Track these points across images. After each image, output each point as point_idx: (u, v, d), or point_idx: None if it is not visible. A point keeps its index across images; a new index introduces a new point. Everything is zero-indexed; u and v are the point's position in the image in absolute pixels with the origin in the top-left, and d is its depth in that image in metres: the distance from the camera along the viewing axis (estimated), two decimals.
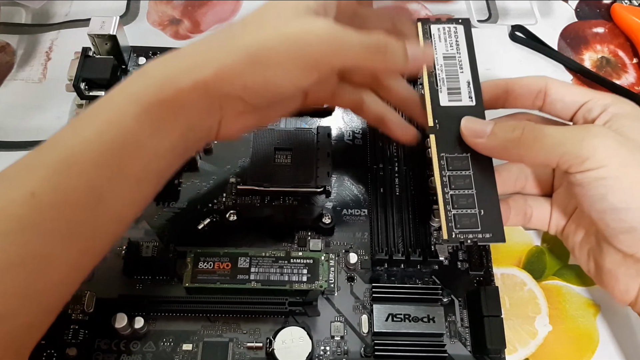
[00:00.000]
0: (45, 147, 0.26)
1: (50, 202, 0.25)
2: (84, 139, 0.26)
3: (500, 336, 0.34)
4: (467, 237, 0.31)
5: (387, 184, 0.39)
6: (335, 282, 0.37)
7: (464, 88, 0.34)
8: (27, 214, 0.24)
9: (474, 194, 0.32)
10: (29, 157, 0.26)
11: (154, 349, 0.34)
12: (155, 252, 0.37)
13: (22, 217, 0.24)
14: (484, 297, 0.35)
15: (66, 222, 0.25)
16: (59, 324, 0.34)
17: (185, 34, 0.51)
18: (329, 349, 0.35)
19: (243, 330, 0.35)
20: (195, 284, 0.35)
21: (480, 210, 0.32)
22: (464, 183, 0.32)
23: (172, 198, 0.39)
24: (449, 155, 0.33)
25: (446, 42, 0.36)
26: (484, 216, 0.32)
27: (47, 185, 0.25)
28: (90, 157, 0.26)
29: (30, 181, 0.25)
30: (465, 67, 0.35)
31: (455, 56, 0.36)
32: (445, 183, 0.32)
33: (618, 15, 0.52)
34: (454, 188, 0.32)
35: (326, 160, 0.40)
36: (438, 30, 0.37)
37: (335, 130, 0.43)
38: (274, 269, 0.36)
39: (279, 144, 0.41)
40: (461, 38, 0.36)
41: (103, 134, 0.26)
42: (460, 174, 0.32)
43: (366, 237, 0.38)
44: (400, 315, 0.35)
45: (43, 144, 0.26)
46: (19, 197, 0.25)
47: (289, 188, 0.40)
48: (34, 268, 0.25)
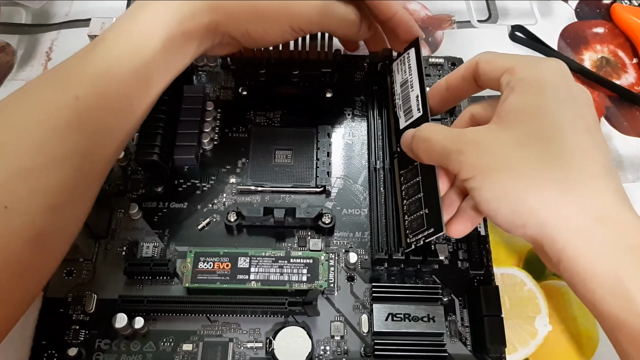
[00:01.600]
0: (86, 56, 0.30)
1: (91, 106, 0.29)
2: (122, 54, 0.30)
3: (500, 335, 0.34)
4: (419, 238, 0.34)
5: (387, 184, 0.39)
6: (335, 282, 0.37)
7: (413, 104, 0.37)
8: (72, 115, 0.28)
9: (421, 196, 0.35)
10: (71, 65, 0.30)
11: (154, 349, 0.34)
12: (155, 252, 0.37)
13: (68, 118, 0.28)
14: (484, 297, 0.35)
15: (104, 124, 0.30)
16: (59, 324, 0.35)
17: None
18: (329, 348, 0.35)
19: (243, 330, 0.35)
20: (195, 284, 0.35)
21: (425, 210, 0.34)
22: (413, 190, 0.35)
23: (172, 198, 0.39)
24: (404, 171, 0.37)
25: (402, 71, 0.39)
26: (428, 214, 0.34)
27: (89, 91, 0.29)
28: (127, 70, 0.30)
29: (75, 87, 0.29)
30: (415, 84, 0.38)
31: (408, 80, 0.38)
32: (404, 196, 0.36)
33: (618, 15, 0.52)
34: (408, 197, 0.36)
35: (326, 160, 0.40)
36: (396, 65, 0.41)
37: (335, 130, 0.43)
38: (274, 269, 0.36)
39: (279, 143, 0.41)
40: (412, 60, 0.39)
41: (137, 53, 0.31)
42: (412, 183, 0.36)
43: (366, 237, 0.38)
44: (400, 315, 0.35)
45: (81, 53, 0.31)
46: (65, 100, 0.28)
47: (289, 188, 0.40)
48: (78, 163, 0.28)
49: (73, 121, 0.28)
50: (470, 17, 0.52)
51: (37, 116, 0.27)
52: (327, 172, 0.40)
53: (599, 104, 0.48)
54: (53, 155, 0.27)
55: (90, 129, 0.29)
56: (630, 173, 0.45)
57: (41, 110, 0.28)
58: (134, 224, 0.38)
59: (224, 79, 0.44)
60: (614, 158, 0.45)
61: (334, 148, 0.42)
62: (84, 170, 0.29)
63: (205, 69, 0.45)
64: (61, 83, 0.29)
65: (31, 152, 0.27)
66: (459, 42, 0.50)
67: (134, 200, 0.39)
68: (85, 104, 0.28)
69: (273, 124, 0.43)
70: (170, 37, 0.32)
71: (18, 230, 0.26)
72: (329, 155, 0.41)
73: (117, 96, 0.30)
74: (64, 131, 0.28)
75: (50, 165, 0.27)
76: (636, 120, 0.47)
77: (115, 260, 0.37)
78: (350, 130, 0.43)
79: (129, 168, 0.40)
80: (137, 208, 0.38)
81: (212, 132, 0.42)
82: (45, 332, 0.34)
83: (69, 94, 0.28)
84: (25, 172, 0.26)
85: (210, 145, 0.41)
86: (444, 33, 0.51)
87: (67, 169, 0.28)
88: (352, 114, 0.44)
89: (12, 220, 0.26)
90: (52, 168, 0.27)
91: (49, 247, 0.29)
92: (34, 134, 0.27)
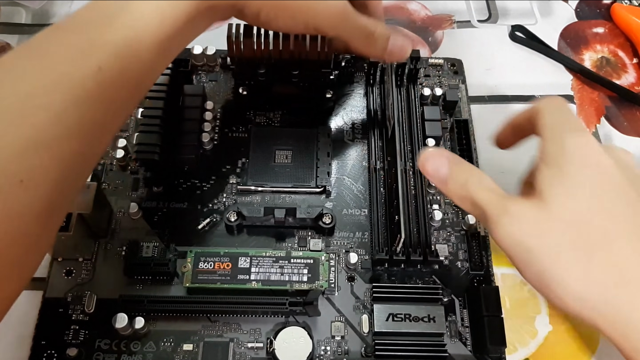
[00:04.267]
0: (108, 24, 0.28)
1: (113, 78, 0.28)
2: (147, 25, 0.29)
3: (501, 336, 0.34)
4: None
5: (387, 184, 0.39)
6: (335, 282, 0.37)
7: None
8: (93, 87, 0.27)
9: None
10: (93, 33, 0.28)
11: (154, 349, 0.34)
12: (155, 252, 0.37)
13: (90, 89, 0.27)
14: (484, 297, 0.35)
15: (121, 96, 0.29)
16: (59, 324, 0.34)
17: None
18: (329, 348, 0.35)
19: (244, 330, 0.35)
20: (195, 284, 0.35)
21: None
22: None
23: (172, 198, 0.39)
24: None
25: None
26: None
27: (112, 62, 0.27)
28: (152, 41, 0.29)
29: (97, 57, 0.27)
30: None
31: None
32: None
33: (618, 15, 0.52)
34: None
35: (326, 160, 0.40)
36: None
37: (335, 130, 0.43)
38: (275, 269, 0.36)
39: (279, 143, 0.41)
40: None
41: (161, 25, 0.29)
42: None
43: (366, 237, 0.38)
44: (401, 315, 0.35)
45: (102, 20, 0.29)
46: (88, 70, 0.27)
47: (289, 188, 0.40)
48: (91, 135, 0.28)
49: (94, 93, 0.27)
50: (470, 17, 0.52)
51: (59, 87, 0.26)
52: (327, 172, 0.40)
53: (599, 104, 0.48)
54: (70, 127, 0.26)
55: (108, 101, 0.28)
56: None
57: (63, 80, 0.26)
58: (134, 223, 0.38)
59: (223, 79, 0.44)
60: None
61: (334, 148, 0.42)
62: (95, 142, 0.28)
63: (205, 69, 0.45)
64: (83, 53, 0.27)
65: (49, 123, 0.26)
66: (459, 42, 0.50)
67: (134, 200, 0.39)
68: (107, 75, 0.27)
69: (273, 124, 0.43)
70: (196, 9, 0.30)
71: (32, 205, 0.25)
72: (329, 155, 0.41)
73: (138, 68, 0.29)
74: (84, 102, 0.27)
75: (66, 137, 0.26)
76: (636, 120, 0.47)
77: (115, 260, 0.37)
78: (350, 130, 0.43)
79: (128, 167, 0.40)
80: (137, 208, 0.38)
81: (212, 131, 0.42)
82: (44, 332, 0.34)
83: (92, 64, 0.27)
84: (42, 143, 0.25)
85: (210, 145, 0.41)
86: (444, 33, 0.51)
87: (81, 141, 0.27)
88: (352, 114, 0.44)
89: (27, 194, 0.25)
90: (68, 140, 0.26)
91: (55, 221, 0.28)
92: (54, 104, 0.26)
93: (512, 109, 0.47)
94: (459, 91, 0.45)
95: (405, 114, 0.42)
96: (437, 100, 0.44)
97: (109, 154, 0.40)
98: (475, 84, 0.47)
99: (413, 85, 0.43)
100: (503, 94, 0.48)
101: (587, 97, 0.48)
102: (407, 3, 0.52)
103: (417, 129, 0.41)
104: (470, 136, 0.42)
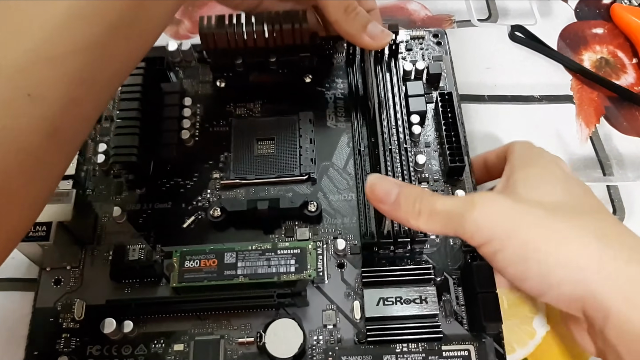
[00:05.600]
0: None
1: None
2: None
3: (495, 311, 0.33)
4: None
5: (372, 165, 0.38)
6: (324, 270, 0.36)
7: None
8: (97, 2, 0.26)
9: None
10: None
11: (145, 351, 0.34)
12: (142, 255, 0.37)
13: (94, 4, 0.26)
14: (476, 274, 0.34)
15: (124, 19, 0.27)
16: (50, 333, 0.34)
17: (185, 34, 0.51)
18: (322, 338, 0.34)
19: (234, 326, 0.35)
20: (182, 284, 0.35)
21: None
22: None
23: (156, 199, 0.39)
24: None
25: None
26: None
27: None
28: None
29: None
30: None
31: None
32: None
33: (617, 16, 0.51)
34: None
35: (309, 147, 0.40)
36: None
37: (317, 115, 0.42)
38: (261, 262, 0.35)
39: (260, 134, 0.40)
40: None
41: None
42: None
43: (355, 222, 0.38)
44: (392, 299, 0.34)
45: None
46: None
47: (273, 178, 0.39)
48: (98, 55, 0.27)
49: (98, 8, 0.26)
50: (470, 16, 0.52)
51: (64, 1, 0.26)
52: (311, 159, 0.39)
53: (599, 104, 0.47)
54: (76, 42, 0.26)
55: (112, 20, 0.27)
56: (630, 172, 0.45)
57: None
58: (119, 227, 0.38)
59: (201, 73, 0.44)
60: (614, 157, 0.45)
61: (318, 134, 0.41)
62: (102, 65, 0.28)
63: (182, 65, 0.44)
64: None
65: (56, 38, 0.25)
66: (458, 42, 0.49)
67: (118, 204, 0.38)
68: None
69: (254, 114, 0.42)
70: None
71: (40, 122, 0.25)
72: (312, 141, 0.40)
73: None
74: (89, 18, 0.26)
75: (73, 53, 0.26)
76: (636, 120, 0.47)
77: (102, 266, 0.36)
78: (333, 114, 0.42)
79: (110, 172, 0.40)
80: (120, 211, 0.38)
81: (192, 128, 0.41)
82: (36, 342, 0.34)
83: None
84: (48, 58, 0.25)
85: (191, 142, 0.41)
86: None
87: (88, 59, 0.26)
88: (334, 97, 0.42)
89: (35, 110, 0.25)
90: (74, 56, 0.26)
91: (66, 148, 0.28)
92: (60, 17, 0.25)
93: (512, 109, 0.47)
94: (443, 62, 0.43)
95: (389, 91, 0.41)
96: (421, 74, 0.42)
97: (91, 160, 0.40)
98: (474, 84, 0.47)
99: (395, 61, 0.42)
100: (502, 93, 0.48)
101: (587, 97, 0.48)
102: (407, 3, 0.52)
103: (400, 106, 0.40)
104: (455, 109, 0.40)
